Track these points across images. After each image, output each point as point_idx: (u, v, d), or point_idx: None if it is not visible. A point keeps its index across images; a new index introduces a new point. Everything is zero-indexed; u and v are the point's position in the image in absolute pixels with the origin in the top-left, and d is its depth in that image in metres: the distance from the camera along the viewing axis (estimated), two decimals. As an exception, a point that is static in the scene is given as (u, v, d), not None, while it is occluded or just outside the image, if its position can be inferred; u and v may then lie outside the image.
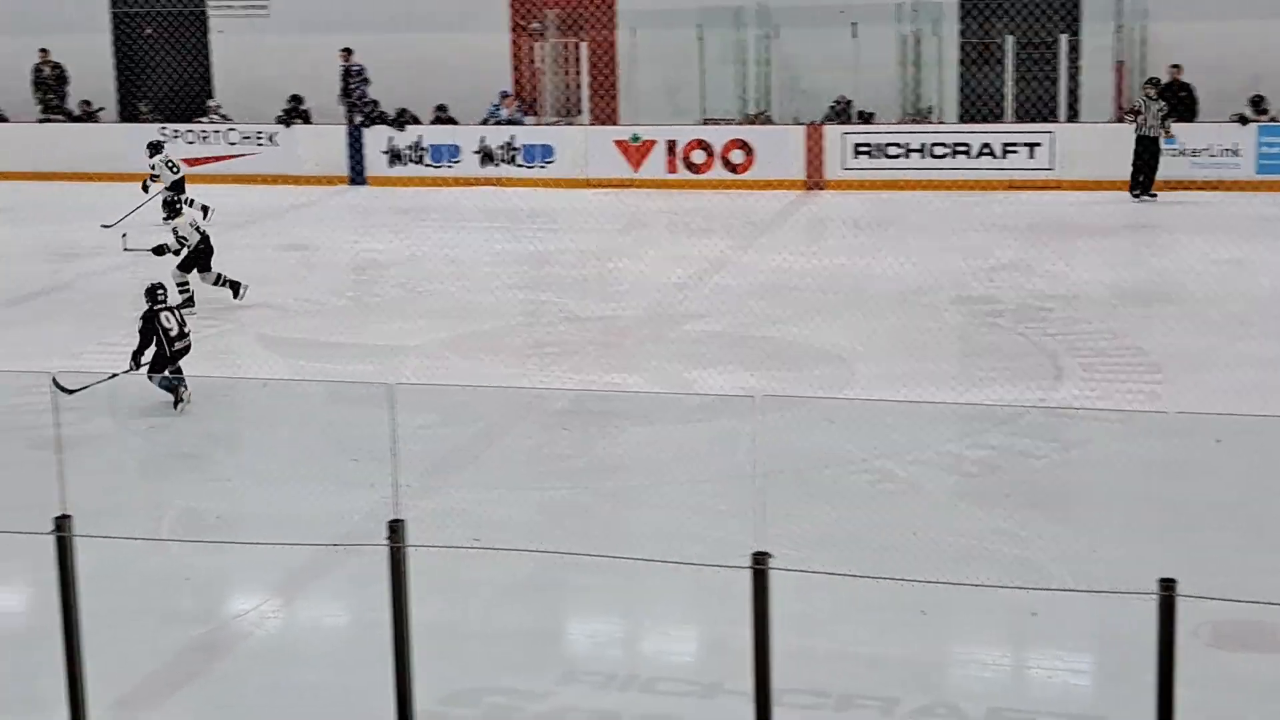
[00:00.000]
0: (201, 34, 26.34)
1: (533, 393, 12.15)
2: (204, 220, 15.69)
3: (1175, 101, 21.35)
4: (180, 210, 15.36)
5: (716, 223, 19.93)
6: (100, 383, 11.21)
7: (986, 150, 21.62)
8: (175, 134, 24.08)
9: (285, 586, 8.51)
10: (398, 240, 19.34)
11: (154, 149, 20.09)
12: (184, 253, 15.06)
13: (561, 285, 16.55)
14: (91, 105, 25.78)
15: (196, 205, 16.06)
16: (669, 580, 7.89)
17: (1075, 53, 22.62)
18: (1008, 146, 21.58)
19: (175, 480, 10.52)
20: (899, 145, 21.99)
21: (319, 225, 20.73)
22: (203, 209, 16.14)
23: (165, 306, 11.88)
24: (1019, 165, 21.51)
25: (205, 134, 24.26)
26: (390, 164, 23.57)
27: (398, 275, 17.22)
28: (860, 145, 22.10)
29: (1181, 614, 5.31)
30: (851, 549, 8.53)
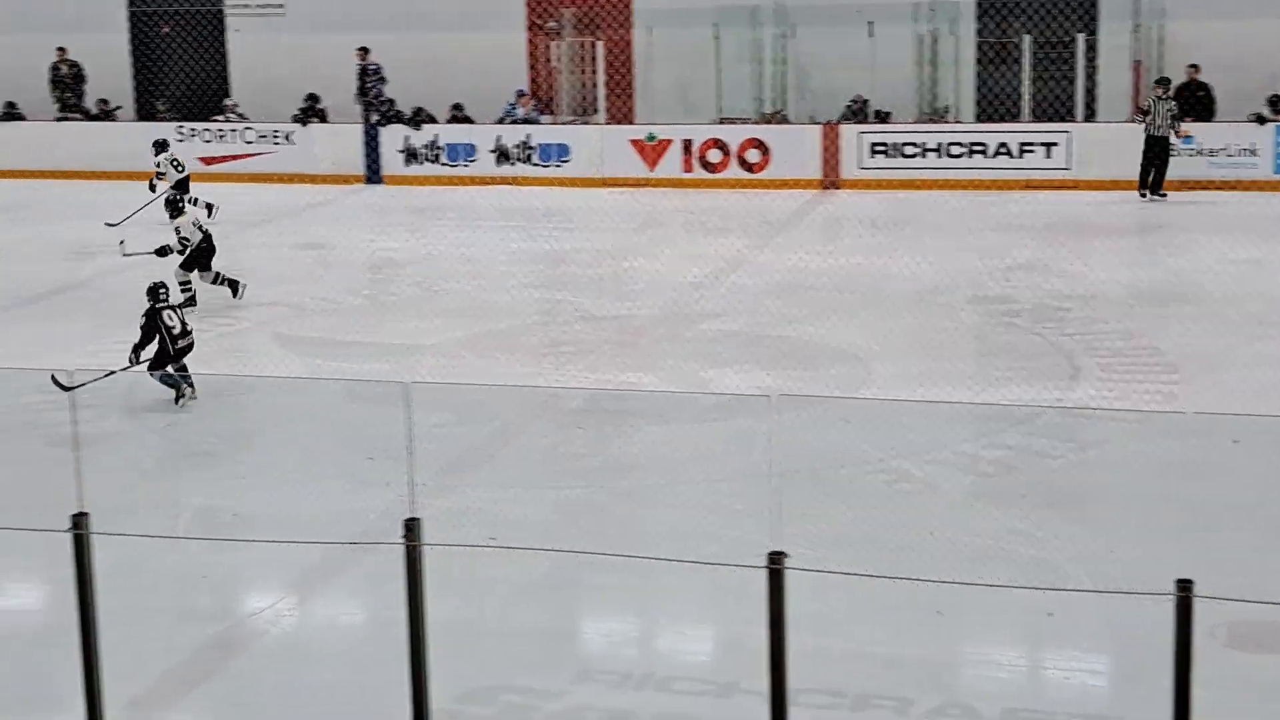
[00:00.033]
0: (218, 33, 26.38)
1: (548, 392, 12.15)
2: (208, 218, 15.69)
3: (1193, 101, 21.30)
4: (183, 209, 15.36)
5: (732, 222, 19.91)
6: (97, 380, 11.22)
7: (1003, 150, 21.57)
8: (192, 133, 24.16)
9: (301, 584, 8.53)
10: (414, 239, 19.35)
11: (159, 147, 20.10)
12: (186, 252, 15.10)
13: (577, 284, 16.55)
14: (109, 104, 25.82)
15: (200, 204, 16.07)
16: (684, 579, 7.89)
17: (1092, 52, 22.56)
18: (1024, 146, 21.52)
19: (191, 478, 10.54)
20: (915, 145, 21.95)
21: (335, 224, 20.75)
22: (207, 207, 16.16)
23: (167, 305, 11.90)
24: (1036, 165, 21.44)
25: (222, 133, 24.29)
26: (406, 163, 23.58)
27: (413, 274, 17.23)
28: (877, 145, 22.06)
29: (1198, 615, 5.29)
30: (867, 549, 8.53)
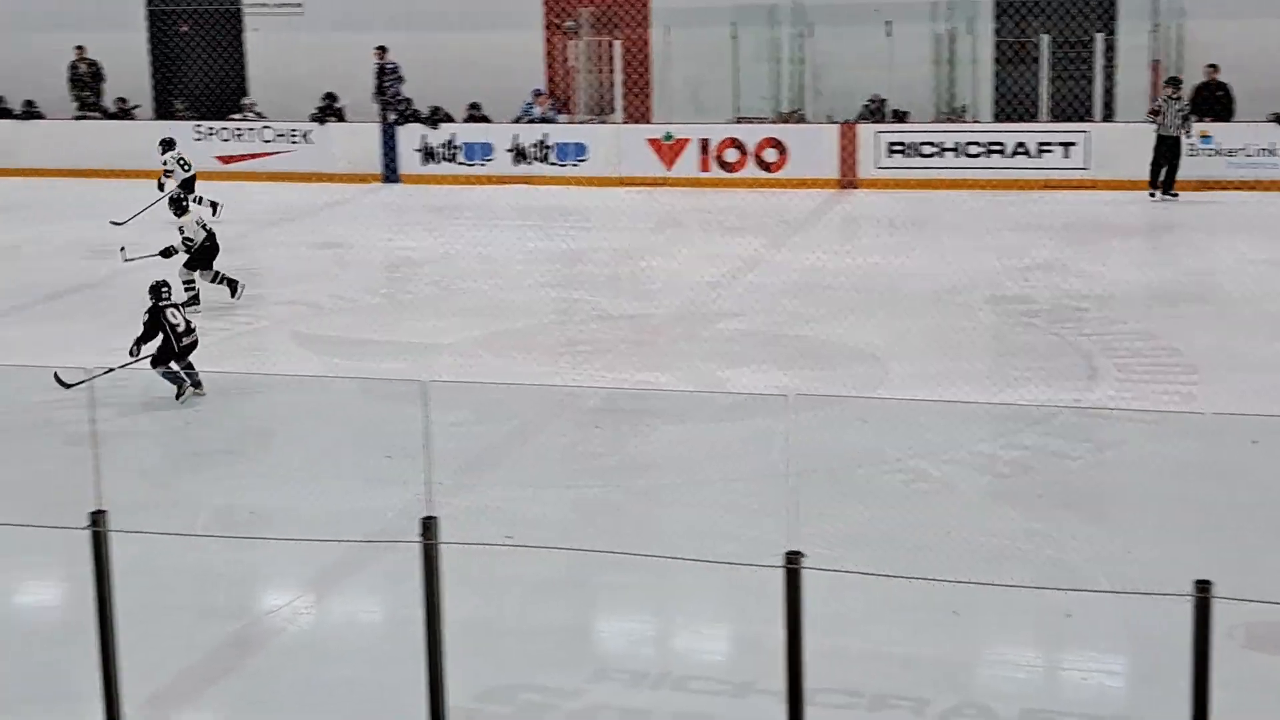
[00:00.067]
0: (236, 32, 26.43)
1: (565, 391, 12.15)
2: (213, 217, 15.69)
3: (1211, 101, 21.24)
4: (187, 208, 15.38)
5: (750, 221, 19.89)
6: (97, 377, 11.24)
7: (1021, 150, 21.52)
8: (210, 132, 24.22)
9: (318, 582, 8.54)
10: (431, 238, 19.37)
11: (166, 145, 20.11)
12: (191, 250, 15.11)
13: (594, 283, 16.55)
14: (127, 102, 25.89)
15: (205, 202, 16.07)
16: (701, 579, 7.89)
17: (1111, 52, 22.51)
18: (1042, 146, 21.48)
19: (209, 476, 10.56)
20: (933, 144, 21.91)
21: (353, 223, 20.77)
22: (211, 205, 16.16)
23: (170, 303, 11.92)
24: (1054, 165, 21.40)
25: (240, 132, 24.34)
26: (424, 162, 23.61)
27: (431, 273, 17.25)
28: (894, 144, 22.03)
29: (1217, 615, 5.28)
30: (884, 549, 8.52)
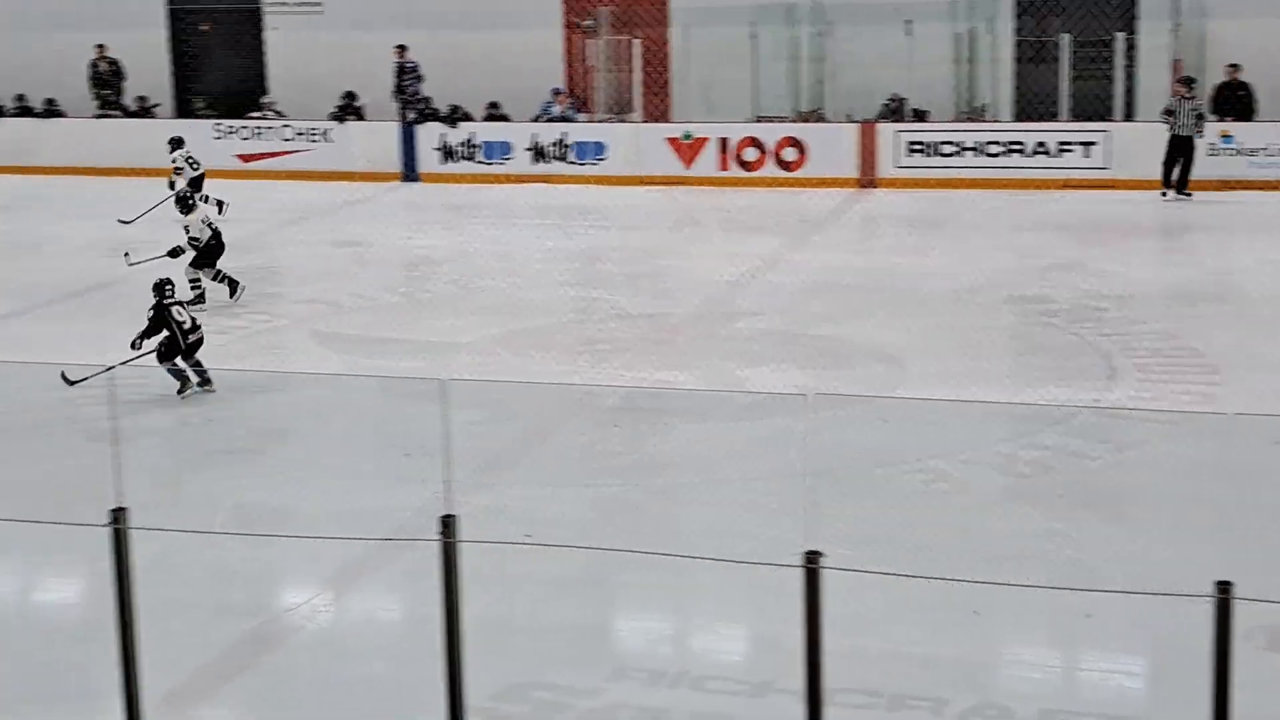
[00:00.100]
0: (256, 30, 26.49)
1: (584, 390, 12.14)
2: (218, 215, 15.70)
3: (1233, 101, 21.18)
4: (193, 206, 15.40)
5: (769, 220, 19.88)
6: (99, 374, 11.28)
7: (1041, 149, 21.47)
8: (230, 130, 24.29)
9: (337, 580, 8.55)
10: (450, 237, 19.39)
11: (175, 144, 20.13)
12: (197, 249, 15.12)
13: (613, 282, 16.54)
14: (147, 101, 25.97)
15: (211, 201, 16.09)
16: (720, 578, 7.87)
17: (1132, 51, 22.44)
18: (1063, 145, 21.42)
19: (229, 473, 10.58)
20: (953, 143, 21.87)
21: (372, 222, 20.81)
22: (218, 204, 16.17)
23: (174, 301, 11.93)
24: (1074, 164, 21.35)
25: (259, 130, 24.41)
26: (443, 161, 23.64)
27: (450, 272, 17.26)
28: (914, 143, 21.99)
29: (1237, 617, 5.25)
30: (903, 549, 8.50)
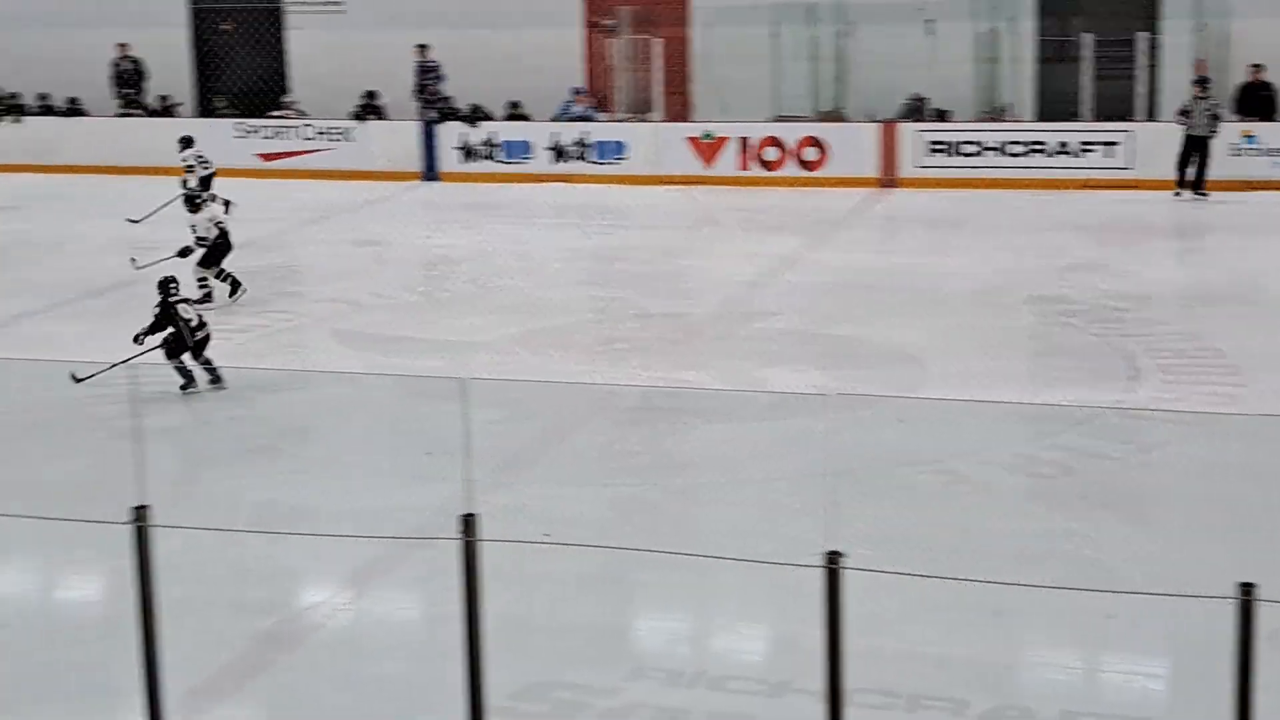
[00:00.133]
0: (278, 30, 26.55)
1: (603, 389, 12.14)
2: (224, 214, 15.73)
3: (1255, 101, 21.11)
4: (200, 206, 15.39)
5: (789, 220, 19.86)
6: (105, 370, 11.30)
7: (1063, 149, 21.41)
8: (251, 129, 24.34)
9: (357, 579, 8.56)
10: (469, 236, 19.40)
11: (185, 143, 20.12)
12: (205, 248, 15.11)
13: (632, 282, 16.53)
14: (169, 100, 26.04)
15: (219, 200, 16.10)
16: (739, 578, 7.86)
17: (1154, 50, 22.36)
18: (1084, 145, 21.36)
19: (250, 472, 10.59)
20: (974, 143, 21.82)
21: (392, 221, 20.84)
22: (225, 203, 16.19)
23: (180, 298, 11.94)
24: (1096, 164, 21.28)
25: (281, 130, 24.45)
26: (463, 160, 23.66)
27: (469, 271, 17.27)
28: (935, 143, 21.95)
29: (1260, 619, 5.23)
30: (923, 549, 8.48)
